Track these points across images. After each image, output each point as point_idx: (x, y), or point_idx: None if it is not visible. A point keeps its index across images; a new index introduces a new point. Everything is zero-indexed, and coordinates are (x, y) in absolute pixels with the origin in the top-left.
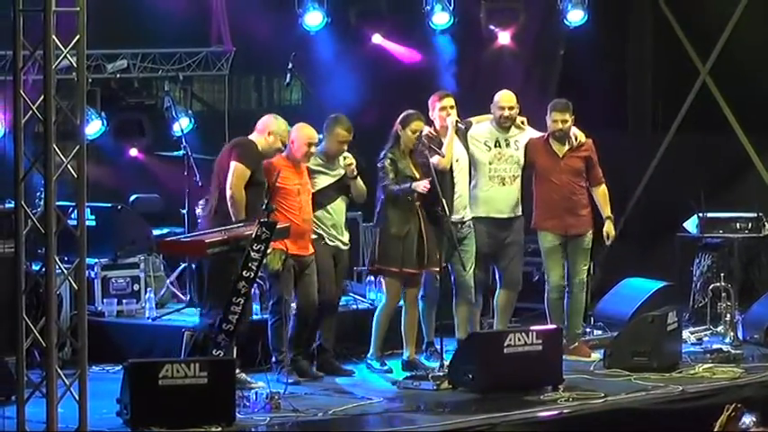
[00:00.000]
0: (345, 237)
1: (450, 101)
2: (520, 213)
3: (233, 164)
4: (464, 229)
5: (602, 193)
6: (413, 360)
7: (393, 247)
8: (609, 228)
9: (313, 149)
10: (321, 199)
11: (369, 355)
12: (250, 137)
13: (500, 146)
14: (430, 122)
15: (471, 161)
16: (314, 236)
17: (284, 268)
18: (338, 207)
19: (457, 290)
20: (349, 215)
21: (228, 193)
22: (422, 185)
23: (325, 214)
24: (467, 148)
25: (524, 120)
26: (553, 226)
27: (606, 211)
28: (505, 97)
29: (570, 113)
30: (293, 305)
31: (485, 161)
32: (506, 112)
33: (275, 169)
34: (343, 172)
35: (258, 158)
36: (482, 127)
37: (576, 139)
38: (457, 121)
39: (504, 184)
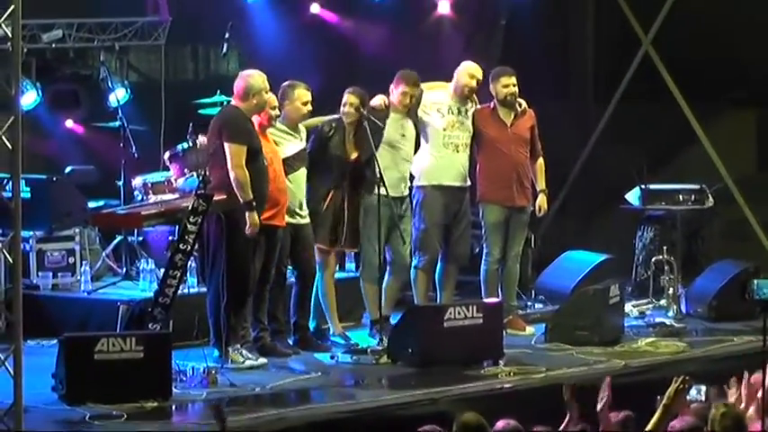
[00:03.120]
0: (304, 211)
1: (414, 90)
2: (469, 184)
3: (226, 145)
4: (403, 206)
5: (539, 165)
6: (319, 329)
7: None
8: (542, 201)
9: (275, 113)
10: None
11: (331, 334)
12: (234, 104)
13: (453, 113)
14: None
15: (423, 129)
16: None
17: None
18: (299, 178)
19: (392, 268)
20: None
21: (232, 174)
22: None
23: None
24: (416, 119)
25: (522, 102)
26: (502, 198)
27: (542, 183)
28: (474, 68)
29: (516, 79)
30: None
31: (439, 127)
32: (474, 83)
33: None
34: (305, 143)
35: (250, 129)
36: (437, 95)
37: (520, 107)
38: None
39: (458, 152)
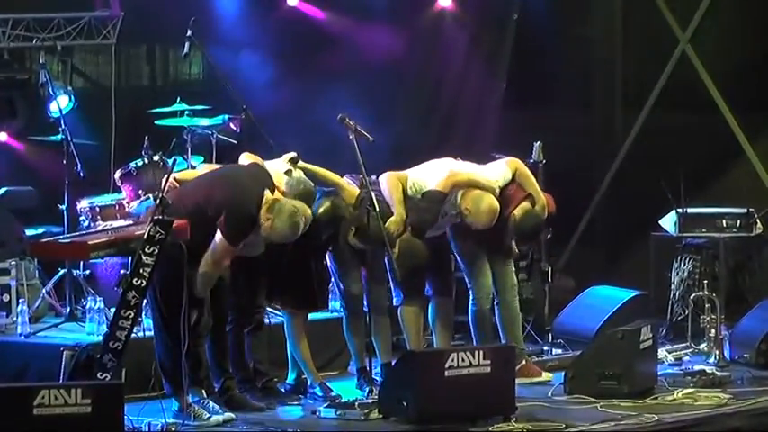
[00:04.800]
0: None
1: None
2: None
3: (219, 238)
4: None
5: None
6: (300, 381)
7: None
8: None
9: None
10: None
11: (309, 384)
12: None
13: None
14: None
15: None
16: None
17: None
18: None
19: (372, 308)
20: None
21: (203, 266)
22: None
23: None
24: None
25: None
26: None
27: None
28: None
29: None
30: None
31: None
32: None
33: None
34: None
35: (248, 233)
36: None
37: None
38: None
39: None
